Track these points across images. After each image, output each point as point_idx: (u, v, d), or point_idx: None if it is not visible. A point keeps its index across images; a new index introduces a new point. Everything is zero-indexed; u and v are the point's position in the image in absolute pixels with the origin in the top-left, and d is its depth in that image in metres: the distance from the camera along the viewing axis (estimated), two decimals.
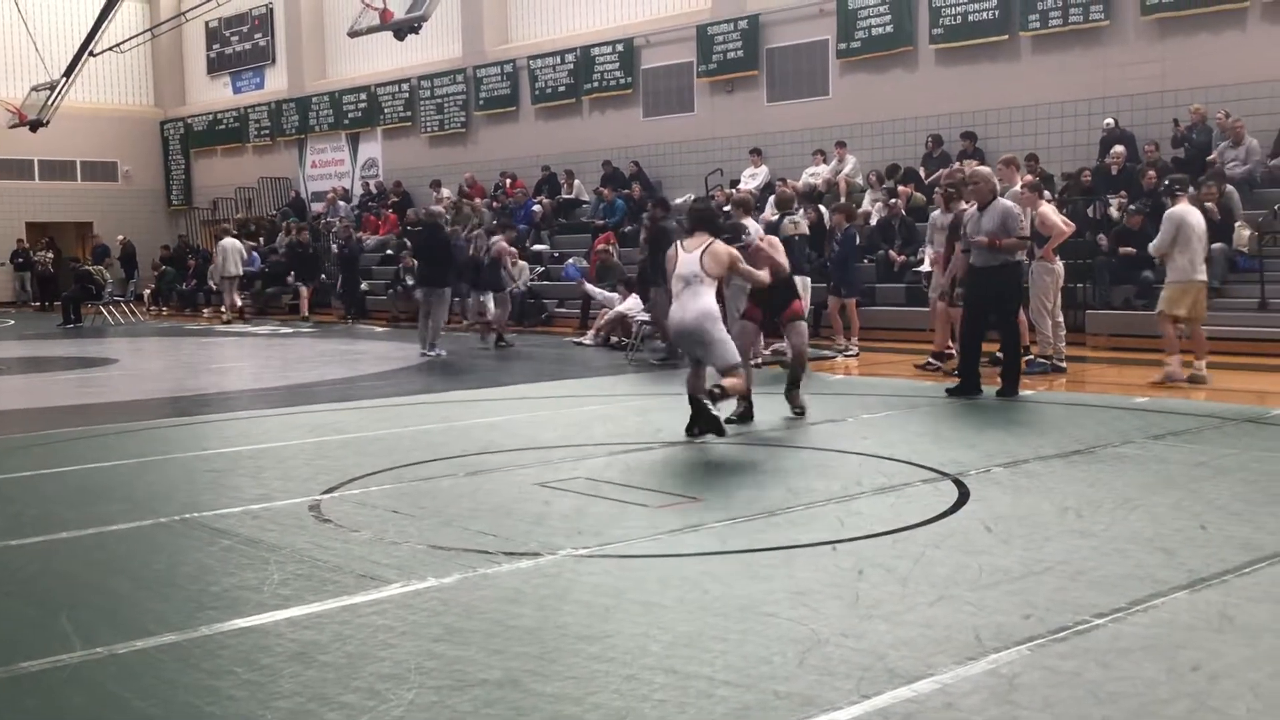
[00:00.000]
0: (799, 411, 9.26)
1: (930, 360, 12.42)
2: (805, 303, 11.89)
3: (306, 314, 23.81)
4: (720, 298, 8.56)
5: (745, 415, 9.03)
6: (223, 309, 24.25)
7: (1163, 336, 11.04)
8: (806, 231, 12.79)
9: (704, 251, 8.24)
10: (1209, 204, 14.34)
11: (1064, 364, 11.88)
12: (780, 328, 9.56)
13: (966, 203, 11.48)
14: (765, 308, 9.38)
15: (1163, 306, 11.00)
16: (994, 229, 10.04)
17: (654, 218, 14.66)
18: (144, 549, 5.64)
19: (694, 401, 8.23)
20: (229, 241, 24.01)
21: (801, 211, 14.59)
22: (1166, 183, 11.38)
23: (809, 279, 10.97)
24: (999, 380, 10.27)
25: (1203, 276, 10.94)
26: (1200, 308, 10.98)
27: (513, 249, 18.18)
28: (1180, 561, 4.97)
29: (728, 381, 8.12)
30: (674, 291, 8.37)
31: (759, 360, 12.47)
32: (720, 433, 8.06)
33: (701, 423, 8.14)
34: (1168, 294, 10.97)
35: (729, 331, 8.56)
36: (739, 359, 8.41)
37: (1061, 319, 12.05)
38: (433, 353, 15.38)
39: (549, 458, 7.78)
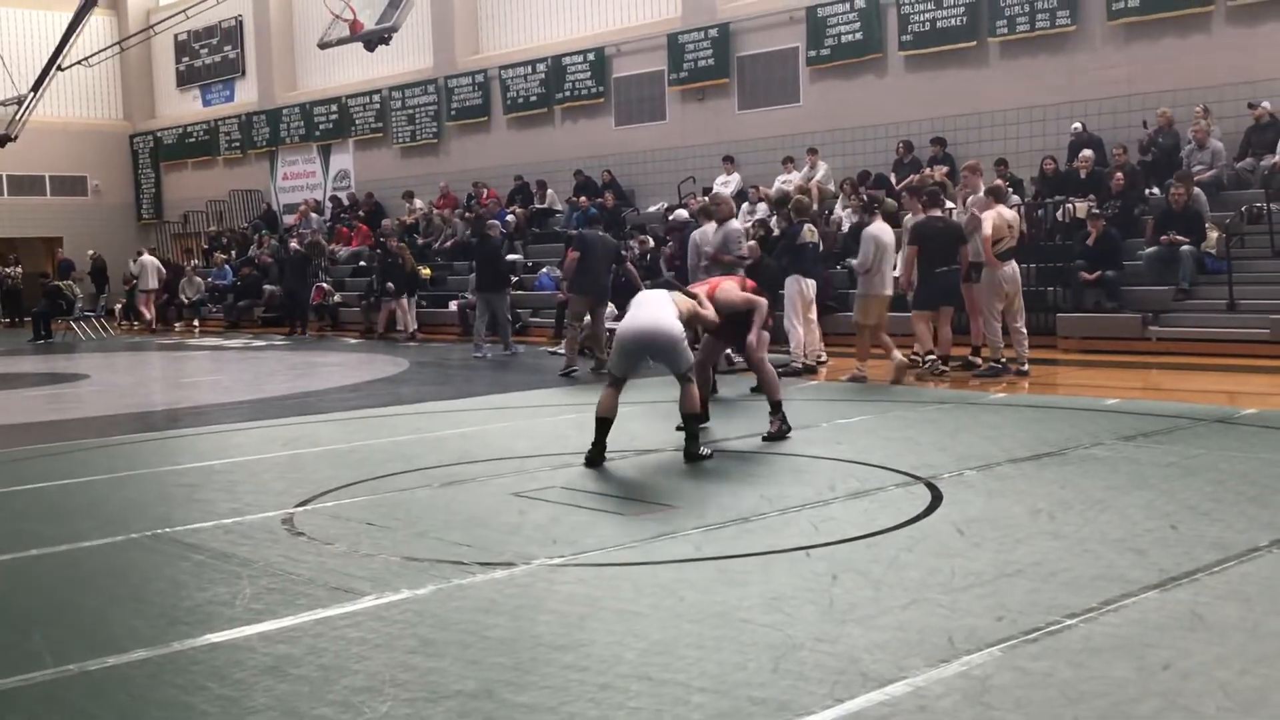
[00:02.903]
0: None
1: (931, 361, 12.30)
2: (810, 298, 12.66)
3: (412, 329, 20.72)
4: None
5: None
6: (137, 321, 26.30)
7: (880, 344, 11.80)
8: (817, 240, 13.12)
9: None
10: (1174, 204, 14.49)
11: (1026, 368, 11.94)
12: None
13: (958, 206, 11.65)
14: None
15: (858, 318, 11.98)
16: (717, 246, 11.61)
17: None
18: (116, 565, 5.61)
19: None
20: (146, 258, 26.61)
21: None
22: (865, 199, 12.16)
23: (816, 281, 11.78)
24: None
25: (890, 290, 11.92)
26: (884, 316, 12.02)
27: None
28: (1151, 561, 5.01)
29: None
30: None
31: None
32: (597, 463, 7.62)
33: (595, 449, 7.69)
34: (863, 305, 11.87)
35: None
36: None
37: (1020, 324, 12.04)
38: (507, 352, 16.52)
39: (524, 467, 7.78)
